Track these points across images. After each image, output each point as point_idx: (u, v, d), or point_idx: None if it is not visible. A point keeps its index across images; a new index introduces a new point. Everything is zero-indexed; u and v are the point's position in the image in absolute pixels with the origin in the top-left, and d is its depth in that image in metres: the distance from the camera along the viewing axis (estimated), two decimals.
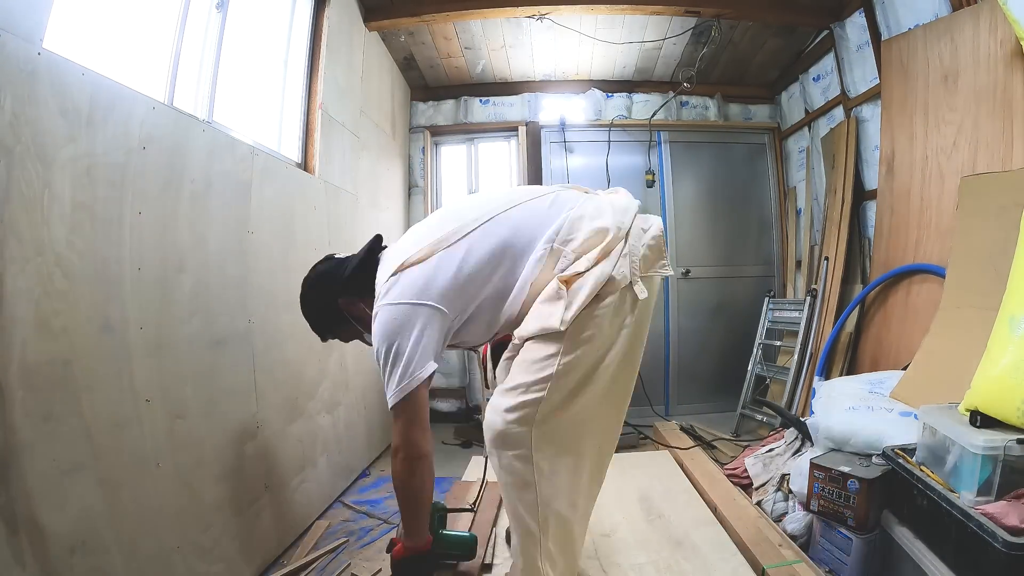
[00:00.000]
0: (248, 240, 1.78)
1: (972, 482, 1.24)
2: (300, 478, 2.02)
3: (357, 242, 2.75)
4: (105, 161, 1.22)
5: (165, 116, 1.43)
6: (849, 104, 2.95)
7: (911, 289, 2.37)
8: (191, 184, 1.51)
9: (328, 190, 2.42)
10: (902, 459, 1.47)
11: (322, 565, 1.79)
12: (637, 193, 3.77)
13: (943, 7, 2.27)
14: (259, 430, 1.77)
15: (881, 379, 2.03)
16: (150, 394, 1.32)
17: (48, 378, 1.07)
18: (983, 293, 1.77)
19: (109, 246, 1.23)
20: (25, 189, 1.03)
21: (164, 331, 1.39)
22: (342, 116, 2.60)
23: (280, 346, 1.95)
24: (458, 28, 3.15)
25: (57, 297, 1.10)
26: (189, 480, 1.44)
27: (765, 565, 1.55)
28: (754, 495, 2.05)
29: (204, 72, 1.72)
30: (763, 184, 3.87)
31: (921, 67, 2.34)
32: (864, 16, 2.74)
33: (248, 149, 1.81)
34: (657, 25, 3.20)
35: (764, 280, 3.79)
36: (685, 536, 1.77)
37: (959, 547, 1.22)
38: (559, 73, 3.77)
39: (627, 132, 3.76)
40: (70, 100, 1.13)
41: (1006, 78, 1.95)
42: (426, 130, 3.82)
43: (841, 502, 1.56)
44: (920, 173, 2.36)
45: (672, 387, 3.75)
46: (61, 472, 1.08)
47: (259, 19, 2.10)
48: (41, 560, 1.02)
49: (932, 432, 1.41)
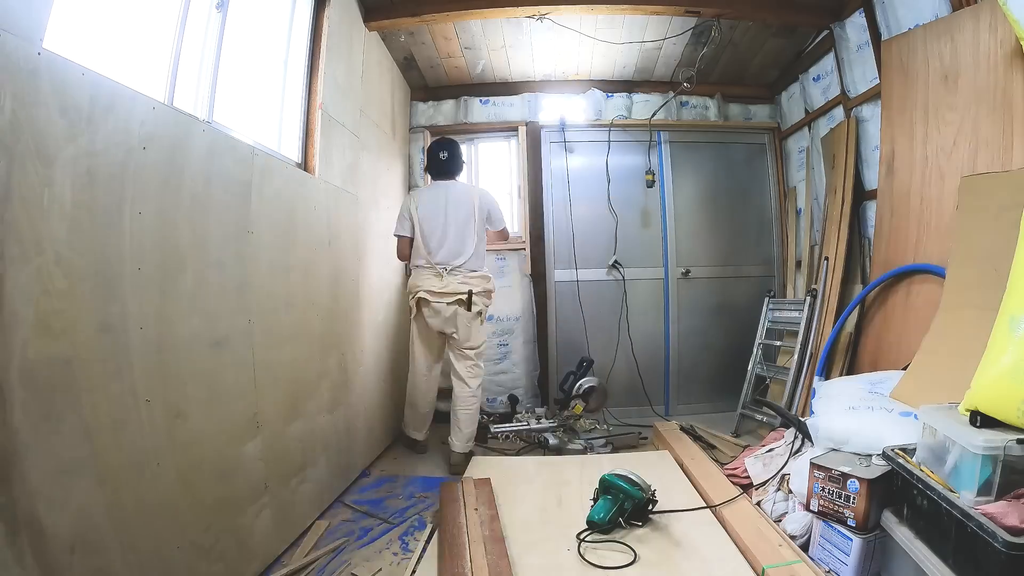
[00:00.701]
0: (248, 240, 1.78)
1: (972, 482, 1.24)
2: (300, 478, 2.02)
3: (358, 242, 2.78)
4: (105, 161, 1.22)
5: (165, 116, 1.43)
6: (849, 104, 2.95)
7: (911, 289, 2.37)
8: (191, 184, 1.51)
9: (328, 190, 2.42)
10: (902, 459, 1.47)
11: (322, 565, 1.79)
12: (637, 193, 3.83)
13: (943, 7, 2.27)
14: (259, 430, 1.77)
15: (881, 379, 2.03)
16: (150, 394, 1.32)
17: (48, 378, 1.07)
18: (983, 293, 1.77)
19: (109, 246, 1.23)
20: (25, 189, 1.03)
21: (164, 331, 1.39)
22: (342, 116, 2.60)
23: (280, 346, 1.95)
24: (458, 28, 3.16)
25: (57, 297, 1.10)
26: (189, 480, 1.44)
27: (765, 565, 1.55)
28: (754, 495, 2.05)
29: (204, 72, 1.72)
30: (763, 184, 3.87)
31: (921, 67, 2.34)
32: (864, 16, 2.74)
33: (248, 149, 1.81)
34: (657, 25, 3.20)
35: (764, 280, 3.80)
36: (685, 536, 1.77)
37: (959, 547, 1.22)
38: (559, 73, 3.78)
39: (627, 132, 3.76)
40: (70, 100, 1.13)
41: (1006, 78, 1.95)
42: (426, 130, 3.82)
43: (841, 502, 1.56)
44: (920, 173, 2.36)
45: (672, 387, 3.75)
46: (61, 472, 1.08)
47: (259, 19, 2.10)
48: (41, 560, 1.02)
49: (932, 432, 1.41)
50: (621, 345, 3.68)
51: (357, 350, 2.69)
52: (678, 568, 1.60)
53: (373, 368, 2.92)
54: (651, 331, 3.74)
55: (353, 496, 2.38)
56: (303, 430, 2.08)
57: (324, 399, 2.28)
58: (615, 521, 1.79)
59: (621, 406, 3.59)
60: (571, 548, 1.71)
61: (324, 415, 2.27)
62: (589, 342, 3.64)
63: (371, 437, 2.82)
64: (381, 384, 3.03)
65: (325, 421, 2.28)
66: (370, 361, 2.88)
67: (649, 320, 3.74)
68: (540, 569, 1.61)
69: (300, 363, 2.10)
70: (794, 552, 1.62)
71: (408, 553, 1.87)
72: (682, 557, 1.66)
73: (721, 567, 1.60)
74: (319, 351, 2.26)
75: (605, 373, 3.52)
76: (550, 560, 1.66)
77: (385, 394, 3.09)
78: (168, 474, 1.36)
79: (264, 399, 1.82)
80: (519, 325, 3.75)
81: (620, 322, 3.69)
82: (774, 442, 2.28)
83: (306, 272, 2.18)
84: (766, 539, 1.69)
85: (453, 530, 1.80)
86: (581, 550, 1.68)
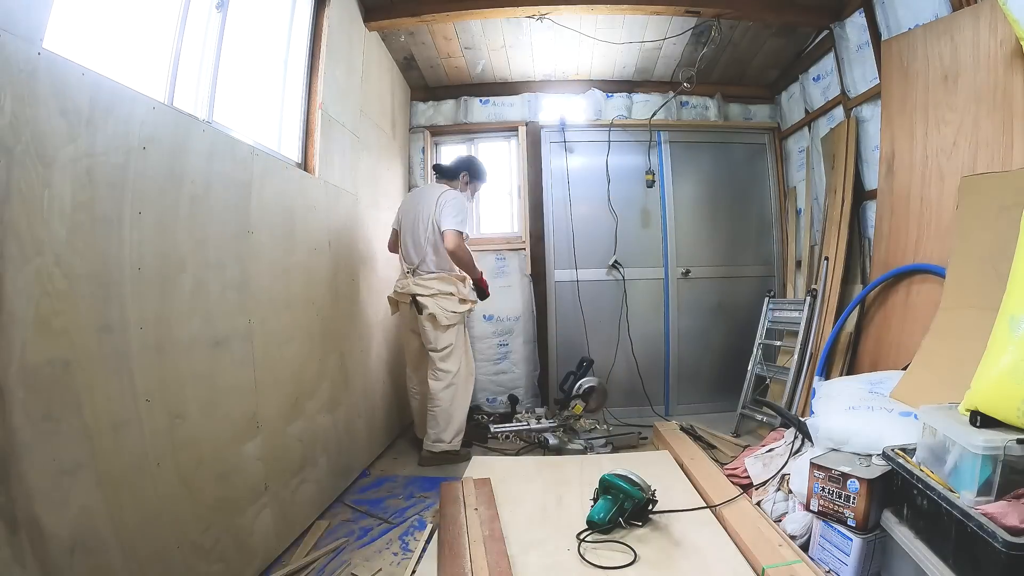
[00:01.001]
0: (248, 240, 1.78)
1: (972, 482, 1.24)
2: (300, 478, 2.02)
3: (358, 242, 2.78)
4: (105, 161, 1.22)
5: (165, 116, 1.43)
6: (849, 104, 2.95)
7: (911, 289, 2.37)
8: (191, 184, 1.51)
9: (328, 190, 2.42)
10: (902, 459, 1.47)
11: (322, 565, 1.79)
12: (637, 193, 3.83)
13: (943, 7, 2.27)
14: (259, 430, 1.77)
15: (881, 379, 2.03)
16: (150, 394, 1.32)
17: (48, 378, 1.07)
18: (983, 293, 1.77)
19: (109, 246, 1.23)
20: (25, 189, 1.03)
21: (164, 331, 1.39)
22: (342, 116, 2.60)
23: (280, 346, 1.95)
24: (458, 28, 3.16)
25: (57, 297, 1.10)
26: (189, 480, 1.44)
27: (765, 565, 1.54)
28: (754, 495, 2.05)
29: (204, 72, 1.72)
30: (763, 184, 3.87)
31: (921, 67, 2.34)
32: (864, 16, 2.74)
33: (248, 149, 1.81)
34: (657, 25, 3.20)
35: (764, 280, 3.80)
36: (685, 536, 1.77)
37: (959, 547, 1.22)
38: (559, 73, 3.78)
39: (627, 132, 3.76)
40: (70, 100, 1.13)
41: (1006, 78, 1.95)
42: (426, 130, 3.82)
43: (841, 502, 1.56)
44: (920, 173, 2.36)
45: (672, 387, 3.75)
46: (61, 472, 1.08)
47: (259, 19, 2.10)
48: (41, 560, 1.02)
49: (932, 432, 1.41)
50: (621, 345, 3.68)
51: (357, 350, 2.69)
52: (678, 568, 1.60)
53: (373, 368, 2.92)
54: (651, 331, 3.74)
55: (353, 496, 2.38)
56: (303, 430, 2.08)
57: (324, 399, 2.28)
58: (615, 521, 1.79)
59: (621, 406, 3.60)
60: (571, 548, 1.71)
61: (324, 415, 2.27)
62: (589, 342, 3.64)
63: (371, 437, 2.82)
64: (381, 384, 3.03)
65: (325, 421, 2.28)
66: (370, 361, 2.88)
67: (649, 320, 3.74)
68: (540, 569, 1.61)
69: (300, 363, 2.10)
70: (794, 552, 1.62)
71: (408, 553, 1.87)
72: (682, 557, 1.66)
73: (721, 567, 1.60)
74: (319, 351, 2.26)
75: (605, 373, 3.52)
76: (550, 560, 1.65)
77: (385, 394, 3.09)
78: (168, 474, 1.36)
79: (264, 399, 1.82)
80: (519, 325, 3.75)
81: (620, 322, 3.69)
82: (774, 442, 2.28)
83: (306, 272, 2.18)
84: (766, 539, 1.69)
85: (453, 530, 1.80)
86: (581, 550, 1.68)
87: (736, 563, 1.61)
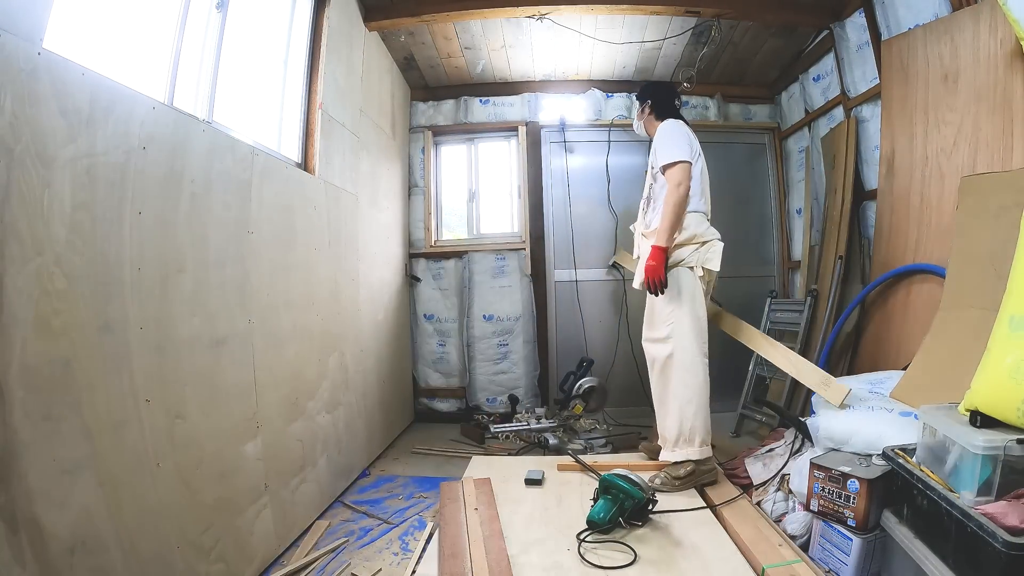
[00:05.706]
0: (248, 240, 1.78)
1: (972, 482, 1.24)
2: (300, 478, 2.02)
3: (358, 242, 2.78)
4: (105, 161, 1.22)
5: (165, 116, 1.43)
6: (849, 104, 2.95)
7: (911, 289, 2.37)
8: (191, 184, 1.51)
9: (328, 190, 2.42)
10: (902, 459, 1.47)
11: (322, 565, 1.79)
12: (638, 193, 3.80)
13: (943, 7, 2.27)
14: (259, 430, 1.77)
15: (881, 379, 2.03)
16: (150, 394, 1.32)
17: (48, 378, 1.07)
18: (983, 293, 1.77)
19: (109, 246, 1.23)
20: (25, 189, 1.03)
21: (164, 331, 1.39)
22: (342, 116, 2.60)
23: (280, 346, 1.95)
24: (458, 28, 3.15)
25: (57, 297, 1.10)
26: (189, 480, 1.44)
27: (765, 565, 1.55)
28: (754, 495, 2.05)
29: (204, 72, 1.72)
30: (763, 184, 3.87)
31: (921, 67, 2.34)
32: (864, 16, 2.74)
33: (248, 149, 1.81)
34: (657, 25, 3.20)
35: (764, 280, 3.79)
36: (685, 536, 1.77)
37: (959, 547, 1.22)
38: (559, 73, 3.77)
39: (627, 132, 3.74)
40: (70, 100, 1.13)
41: (1006, 78, 1.95)
42: (426, 130, 3.82)
43: (841, 502, 1.56)
44: (920, 173, 2.36)
45: None
46: (61, 472, 1.08)
47: (259, 19, 2.10)
48: (41, 560, 1.02)
49: (932, 432, 1.41)
50: (621, 345, 3.67)
51: (357, 350, 2.69)
52: (678, 568, 1.60)
53: (373, 368, 2.92)
54: None
55: (353, 496, 2.38)
56: (303, 430, 2.08)
57: (324, 399, 2.28)
58: (615, 521, 1.79)
59: (621, 406, 3.59)
60: (571, 548, 1.71)
61: (324, 415, 2.27)
62: (589, 342, 3.63)
63: (371, 437, 2.82)
64: (381, 384, 3.03)
65: (325, 421, 2.28)
66: (370, 361, 2.88)
67: None
68: (540, 569, 1.61)
69: (300, 363, 2.10)
70: (794, 552, 1.62)
71: (408, 553, 1.87)
72: (682, 557, 1.65)
73: (721, 567, 1.60)
74: (319, 351, 2.26)
75: (605, 373, 3.51)
76: (550, 560, 1.65)
77: (385, 394, 3.09)
78: (168, 474, 1.36)
79: (264, 399, 1.82)
80: (519, 325, 3.75)
81: (620, 322, 3.68)
82: (774, 442, 2.28)
83: (306, 272, 2.18)
84: (766, 539, 1.69)
85: (453, 530, 1.80)
86: (581, 550, 1.68)
87: (736, 563, 1.61)
